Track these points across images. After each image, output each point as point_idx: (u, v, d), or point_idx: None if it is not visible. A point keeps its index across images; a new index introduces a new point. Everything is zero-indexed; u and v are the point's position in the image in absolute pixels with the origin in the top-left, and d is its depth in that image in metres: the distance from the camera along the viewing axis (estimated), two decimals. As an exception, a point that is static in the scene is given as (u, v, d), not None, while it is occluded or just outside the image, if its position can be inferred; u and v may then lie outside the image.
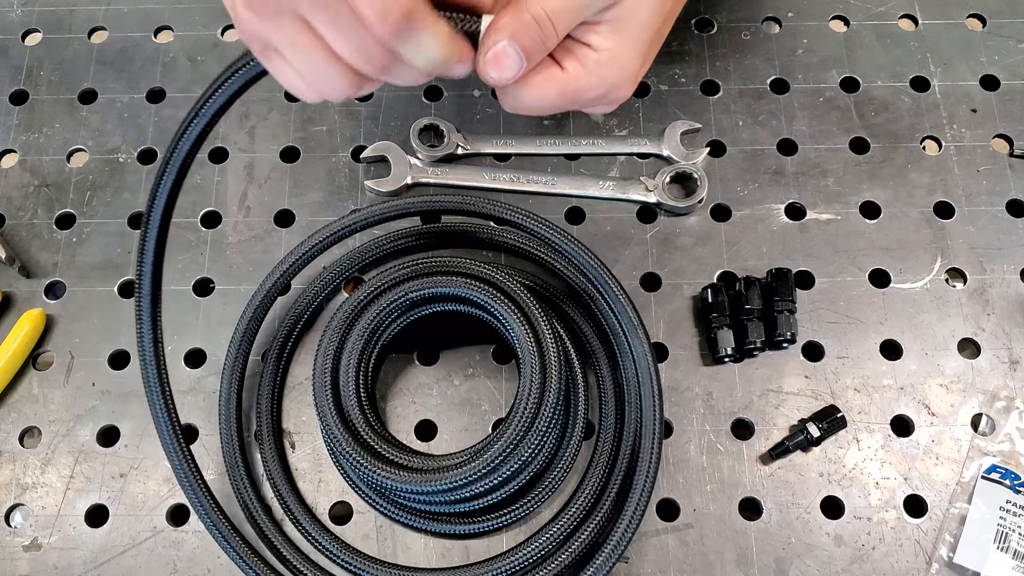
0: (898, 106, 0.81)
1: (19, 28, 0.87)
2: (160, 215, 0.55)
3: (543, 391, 0.63)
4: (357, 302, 0.67)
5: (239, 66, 0.49)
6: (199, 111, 0.53)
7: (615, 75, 0.47)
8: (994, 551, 0.64)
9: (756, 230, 0.76)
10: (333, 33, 0.43)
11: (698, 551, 0.66)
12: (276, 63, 0.46)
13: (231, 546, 0.63)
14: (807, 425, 0.68)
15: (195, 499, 0.63)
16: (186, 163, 0.54)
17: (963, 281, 0.74)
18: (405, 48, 0.43)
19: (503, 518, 0.65)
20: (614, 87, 0.48)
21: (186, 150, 0.54)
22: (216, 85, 0.51)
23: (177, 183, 0.55)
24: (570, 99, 0.48)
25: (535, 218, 0.70)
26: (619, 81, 0.48)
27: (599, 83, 0.47)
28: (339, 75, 0.45)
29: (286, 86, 0.47)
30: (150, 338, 0.59)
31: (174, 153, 0.54)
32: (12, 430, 0.70)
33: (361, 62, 0.44)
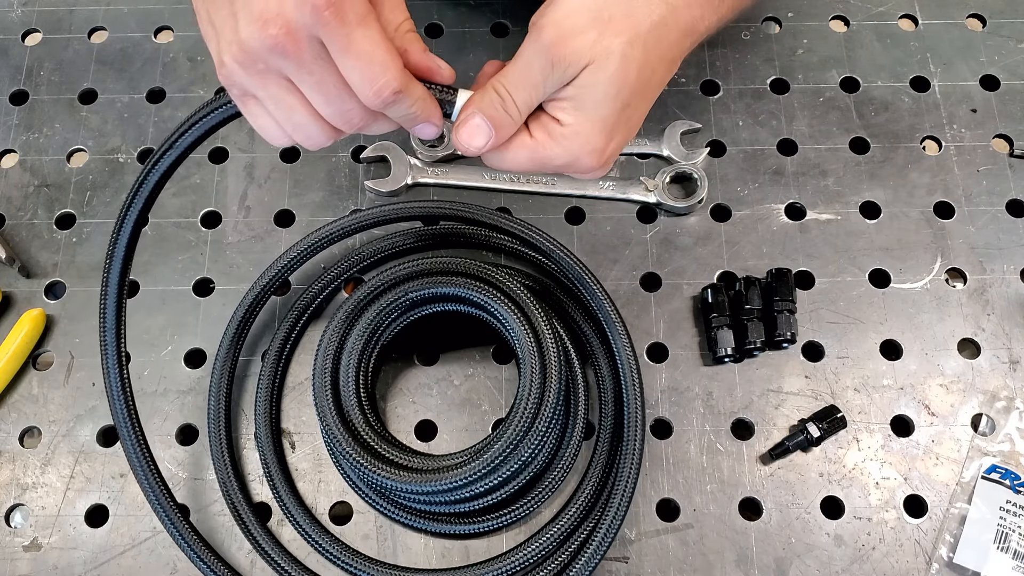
0: (898, 106, 0.81)
1: (19, 28, 0.87)
2: (128, 235, 0.57)
3: (543, 391, 0.63)
4: (357, 302, 0.67)
5: (218, 104, 0.52)
6: (173, 143, 0.55)
7: (577, 148, 0.51)
8: (994, 551, 0.64)
9: (756, 230, 0.76)
10: (318, 98, 0.46)
11: (698, 551, 0.66)
12: (253, 109, 0.49)
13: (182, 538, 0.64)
14: (807, 425, 0.68)
15: (149, 493, 0.63)
16: (153, 193, 0.57)
17: (963, 281, 0.74)
18: (390, 112, 0.48)
19: (503, 518, 0.65)
20: (577, 158, 0.51)
21: (154, 182, 0.56)
22: (192, 121, 0.53)
23: (145, 210, 0.57)
24: (539, 164, 0.52)
25: (510, 220, 0.71)
26: (581, 153, 0.51)
27: (564, 153, 0.51)
28: (318, 131, 0.48)
29: (259, 130, 0.50)
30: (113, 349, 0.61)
31: (143, 184, 0.56)
32: (12, 430, 0.70)
33: (341, 123, 0.48)
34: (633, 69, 0.49)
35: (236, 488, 0.66)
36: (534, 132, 0.52)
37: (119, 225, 0.57)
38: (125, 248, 0.58)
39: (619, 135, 0.52)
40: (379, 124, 0.49)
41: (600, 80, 0.49)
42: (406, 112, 0.48)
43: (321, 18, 0.42)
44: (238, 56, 0.45)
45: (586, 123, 0.50)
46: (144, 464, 0.63)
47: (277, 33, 0.43)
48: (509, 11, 0.86)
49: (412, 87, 0.47)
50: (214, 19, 0.46)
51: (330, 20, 0.43)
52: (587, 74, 0.49)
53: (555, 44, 0.48)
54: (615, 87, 0.49)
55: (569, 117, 0.50)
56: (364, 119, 0.48)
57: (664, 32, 0.50)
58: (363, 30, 0.44)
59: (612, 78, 0.49)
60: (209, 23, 0.47)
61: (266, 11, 0.43)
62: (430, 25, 0.86)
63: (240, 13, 0.44)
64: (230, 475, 0.67)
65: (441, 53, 0.85)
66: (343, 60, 0.45)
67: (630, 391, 0.66)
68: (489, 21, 0.86)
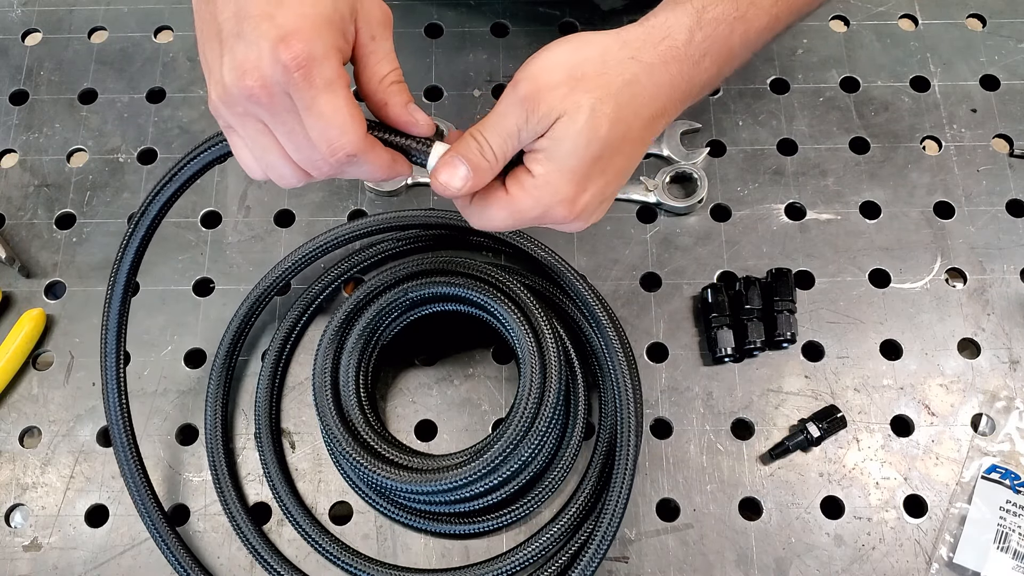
0: (898, 106, 0.81)
1: (19, 28, 0.87)
2: (129, 265, 0.61)
3: (543, 391, 0.63)
4: (357, 302, 0.67)
5: (216, 141, 0.55)
6: (173, 176, 0.58)
7: (548, 197, 0.52)
8: (994, 551, 0.64)
9: (756, 230, 0.76)
10: (289, 144, 0.49)
11: (698, 551, 0.66)
12: (235, 141, 0.52)
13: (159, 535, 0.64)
14: (807, 425, 0.68)
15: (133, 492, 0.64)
16: (155, 222, 0.60)
17: (963, 281, 0.74)
18: (349, 171, 0.50)
19: (503, 518, 0.65)
20: (548, 208, 0.52)
21: (155, 212, 0.59)
22: (192, 155, 0.57)
23: (145, 240, 0.60)
24: (516, 218, 0.53)
25: None
26: (551, 203, 0.52)
27: (536, 204, 0.52)
28: (289, 172, 0.51)
29: (238, 160, 0.52)
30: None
31: (144, 213, 0.59)
32: (12, 430, 0.70)
33: (310, 168, 0.50)
34: (604, 124, 0.50)
35: (231, 491, 0.66)
36: (509, 187, 0.53)
37: (118, 261, 0.61)
38: (123, 289, 0.61)
39: (593, 187, 0.52)
40: (350, 172, 0.51)
41: (570, 132, 0.50)
42: (363, 173, 0.51)
43: (290, 78, 0.45)
44: (222, 96, 0.48)
45: (556, 173, 0.51)
46: (135, 475, 0.64)
47: (253, 84, 0.46)
48: (509, 11, 0.86)
49: (369, 153, 0.50)
50: (207, 55, 0.49)
51: (298, 81, 0.46)
52: (559, 126, 0.50)
53: (529, 96, 0.50)
54: (584, 139, 0.50)
55: (541, 168, 0.51)
56: (332, 169, 0.50)
57: (638, 90, 0.52)
58: (327, 95, 0.47)
59: (582, 130, 0.50)
60: (203, 56, 0.50)
61: (246, 62, 0.46)
62: (430, 25, 0.86)
63: (226, 57, 0.47)
64: (225, 477, 0.67)
65: (441, 53, 0.85)
66: (306, 118, 0.47)
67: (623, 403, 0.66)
68: (489, 21, 0.86)
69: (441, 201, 0.78)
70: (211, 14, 0.48)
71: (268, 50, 0.45)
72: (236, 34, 0.46)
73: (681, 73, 0.53)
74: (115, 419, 0.64)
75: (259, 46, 0.45)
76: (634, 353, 0.71)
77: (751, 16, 0.55)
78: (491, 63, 0.84)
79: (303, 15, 0.46)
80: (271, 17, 0.45)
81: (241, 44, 0.46)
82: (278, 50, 0.45)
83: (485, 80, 0.83)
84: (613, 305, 0.73)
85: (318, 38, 0.46)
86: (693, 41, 0.53)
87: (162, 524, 0.64)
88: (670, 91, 0.53)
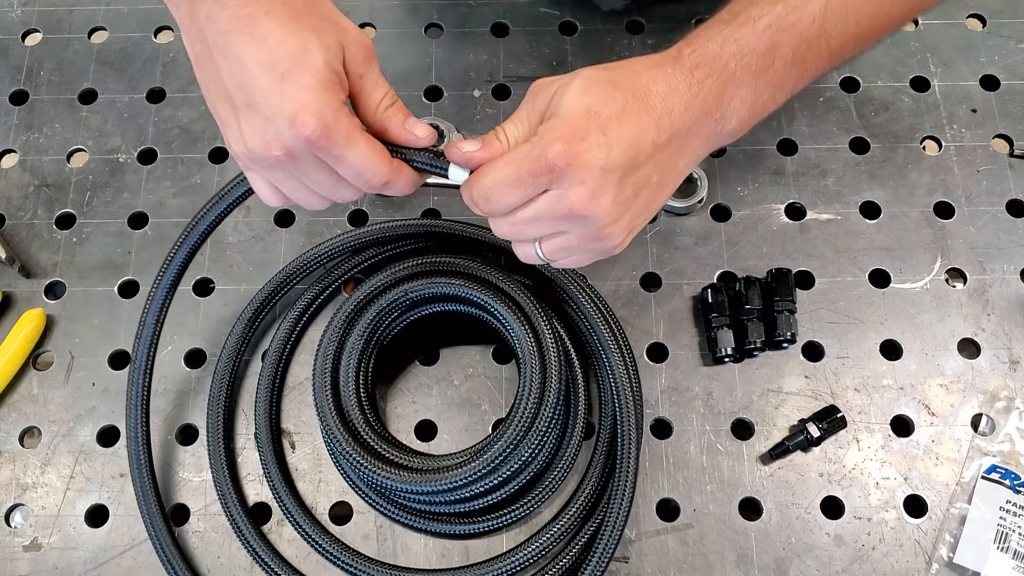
0: (898, 106, 0.81)
1: (19, 28, 0.87)
2: (171, 280, 0.65)
3: (543, 391, 0.63)
4: (357, 302, 0.67)
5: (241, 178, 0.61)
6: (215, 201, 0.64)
7: (544, 135, 0.51)
8: (994, 551, 0.64)
9: (756, 230, 0.76)
10: (314, 187, 0.54)
11: (698, 551, 0.66)
12: (255, 178, 0.56)
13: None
14: (807, 425, 0.68)
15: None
16: (199, 242, 0.66)
17: (963, 281, 0.74)
18: (382, 191, 0.55)
19: (503, 518, 0.65)
20: (546, 148, 0.50)
21: (202, 230, 0.65)
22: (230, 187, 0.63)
23: (190, 257, 0.65)
24: (516, 170, 0.51)
25: None
26: (549, 141, 0.51)
27: (531, 147, 0.51)
28: (317, 201, 0.56)
29: (258, 193, 0.57)
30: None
31: (191, 231, 0.65)
32: (12, 430, 0.70)
33: (335, 198, 0.56)
34: (597, 87, 0.52)
35: (231, 491, 0.66)
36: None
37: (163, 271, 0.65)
38: (157, 315, 0.66)
39: (592, 139, 0.51)
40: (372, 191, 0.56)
41: (565, 94, 0.52)
42: (393, 192, 0.56)
43: (315, 146, 0.50)
44: (247, 153, 0.52)
45: (552, 120, 0.52)
46: (144, 475, 0.65)
47: (279, 154, 0.50)
48: (509, 11, 0.86)
49: (399, 176, 0.54)
50: (219, 111, 0.52)
51: (324, 146, 0.50)
52: (556, 96, 0.53)
53: (533, 89, 0.55)
54: (576, 92, 0.52)
55: (543, 127, 0.53)
56: (355, 195, 0.56)
57: (640, 75, 0.54)
58: (350, 148, 0.51)
59: (575, 89, 0.52)
60: (215, 106, 0.53)
61: (266, 134, 0.50)
62: (430, 25, 0.86)
63: (244, 123, 0.51)
64: (225, 477, 0.67)
65: (441, 53, 0.85)
66: (339, 168, 0.52)
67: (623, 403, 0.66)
68: (489, 21, 0.86)
69: (441, 202, 0.78)
70: (213, 77, 0.51)
71: (286, 127, 0.49)
72: (248, 105, 0.50)
73: (674, 75, 0.55)
74: (134, 428, 0.66)
75: (275, 123, 0.49)
76: (634, 353, 0.71)
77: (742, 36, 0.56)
78: (491, 63, 0.84)
79: (307, 87, 0.49)
80: (280, 92, 0.49)
81: (257, 118, 0.50)
82: (296, 127, 0.49)
83: (485, 80, 0.83)
84: (613, 305, 0.73)
85: (327, 106, 0.49)
86: (682, 54, 0.55)
87: (163, 531, 0.64)
88: (664, 67, 0.55)
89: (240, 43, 0.49)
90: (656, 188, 0.56)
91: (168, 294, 0.65)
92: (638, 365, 0.71)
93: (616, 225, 0.54)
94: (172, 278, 0.65)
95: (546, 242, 0.56)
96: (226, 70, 0.50)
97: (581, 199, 0.51)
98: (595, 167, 0.51)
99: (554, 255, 0.57)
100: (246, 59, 0.49)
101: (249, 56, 0.49)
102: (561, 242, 0.55)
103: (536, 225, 0.54)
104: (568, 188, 0.51)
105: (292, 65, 0.49)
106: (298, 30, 0.49)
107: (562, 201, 0.52)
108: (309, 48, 0.49)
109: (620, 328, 0.71)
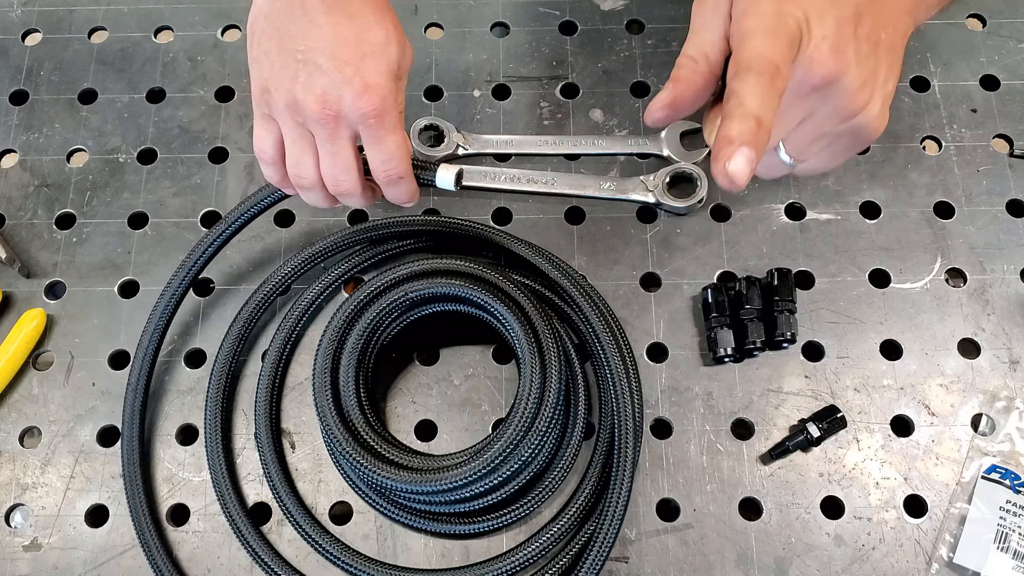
0: (898, 106, 0.81)
1: (19, 28, 0.87)
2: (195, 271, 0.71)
3: (543, 391, 0.63)
4: (357, 302, 0.67)
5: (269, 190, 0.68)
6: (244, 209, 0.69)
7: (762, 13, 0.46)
8: (994, 551, 0.64)
9: (756, 230, 0.76)
10: (326, 160, 0.59)
11: (698, 551, 0.66)
12: (266, 127, 0.60)
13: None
14: (807, 425, 0.68)
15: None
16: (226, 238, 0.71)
17: (963, 281, 0.74)
18: (389, 189, 0.61)
19: (503, 518, 0.65)
20: (777, 22, 0.46)
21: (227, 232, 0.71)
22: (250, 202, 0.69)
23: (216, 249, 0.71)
24: (771, 68, 0.46)
25: (499, 234, 0.72)
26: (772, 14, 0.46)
27: (769, 31, 0.46)
28: (311, 174, 0.60)
29: (257, 144, 0.61)
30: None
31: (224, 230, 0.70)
32: (12, 430, 0.70)
33: (331, 184, 0.60)
34: None
35: (231, 491, 0.66)
36: None
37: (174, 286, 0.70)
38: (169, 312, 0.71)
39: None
40: (352, 200, 0.62)
41: None
42: (399, 193, 0.62)
43: (367, 122, 0.56)
44: (288, 103, 0.57)
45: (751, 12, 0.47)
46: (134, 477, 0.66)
47: (329, 114, 0.56)
48: (509, 11, 0.86)
49: (411, 178, 0.61)
50: (275, 59, 0.57)
51: (374, 125, 0.57)
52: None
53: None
54: None
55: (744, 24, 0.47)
56: (351, 188, 0.60)
57: None
58: (393, 135, 0.58)
59: None
60: (267, 56, 0.58)
61: (327, 95, 0.56)
62: (430, 25, 0.86)
63: (303, 78, 0.56)
64: (225, 477, 0.67)
65: (441, 53, 0.85)
66: (372, 148, 0.58)
67: (623, 403, 0.66)
68: (489, 21, 0.86)
69: (440, 202, 0.78)
70: (287, 31, 0.56)
71: (351, 96, 0.55)
72: (319, 66, 0.55)
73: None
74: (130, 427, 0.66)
75: (341, 90, 0.55)
76: (634, 353, 0.71)
77: None
78: (491, 63, 0.84)
79: (382, 72, 0.56)
80: (356, 68, 0.55)
81: (324, 77, 0.55)
82: (362, 99, 0.55)
83: (485, 80, 0.83)
84: (613, 305, 0.73)
85: (390, 93, 0.57)
86: None
87: (153, 535, 0.65)
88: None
89: (335, 14, 0.56)
90: (888, 49, 0.50)
91: (183, 292, 0.70)
92: (638, 365, 0.71)
93: (868, 87, 0.48)
94: (189, 280, 0.70)
95: (790, 138, 0.50)
96: (311, 33, 0.56)
97: (825, 56, 0.46)
98: (829, 16, 0.46)
99: (803, 150, 0.51)
100: (334, 28, 0.55)
101: (337, 27, 0.55)
102: (809, 130, 0.50)
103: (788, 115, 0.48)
104: (809, 52, 0.47)
105: (374, 49, 0.56)
106: (384, 21, 0.57)
107: (808, 69, 0.47)
108: (391, 40, 0.57)
109: (620, 328, 0.71)
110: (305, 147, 0.59)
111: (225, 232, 0.70)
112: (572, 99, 0.82)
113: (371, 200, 0.63)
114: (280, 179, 0.62)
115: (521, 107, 0.82)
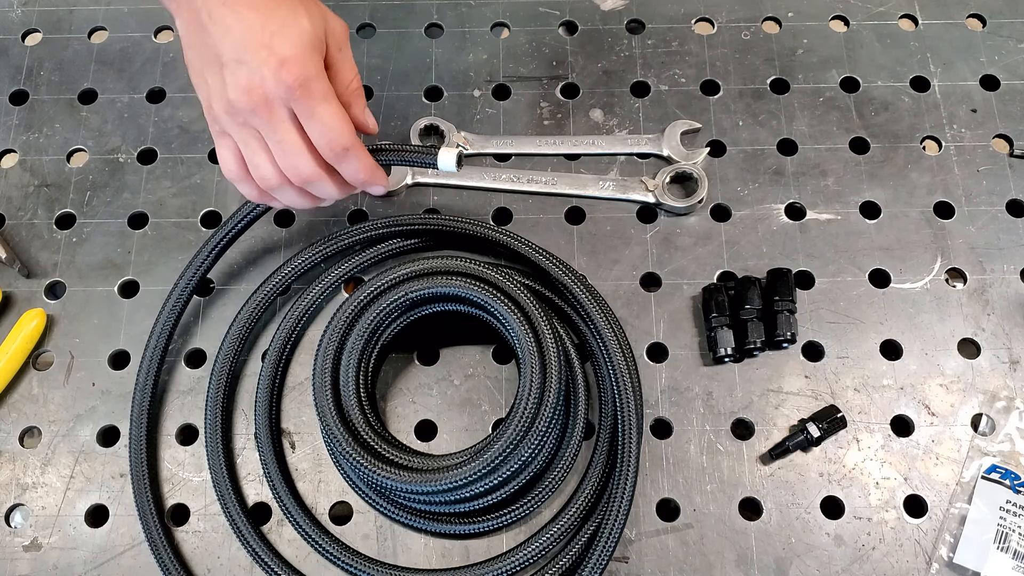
0: (898, 106, 0.81)
1: (19, 28, 0.87)
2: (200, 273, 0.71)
3: (543, 391, 0.63)
4: (357, 302, 0.67)
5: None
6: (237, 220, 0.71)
7: None
8: (994, 551, 0.64)
9: (756, 230, 0.76)
10: (277, 149, 0.59)
11: (698, 551, 0.66)
12: (225, 143, 0.61)
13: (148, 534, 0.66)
14: (807, 425, 0.68)
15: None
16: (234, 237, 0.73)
17: (963, 281, 0.74)
18: (341, 166, 0.60)
19: (503, 518, 0.65)
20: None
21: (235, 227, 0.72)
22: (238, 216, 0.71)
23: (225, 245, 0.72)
24: None
25: (500, 232, 0.72)
26: None
27: None
28: (272, 172, 0.60)
29: (221, 163, 0.62)
30: None
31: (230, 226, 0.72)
32: (12, 430, 0.70)
33: (291, 174, 0.60)
34: None
35: (231, 491, 0.66)
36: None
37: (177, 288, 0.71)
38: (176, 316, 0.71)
39: None
40: (323, 186, 0.61)
41: None
42: (354, 170, 0.61)
43: (293, 94, 0.56)
44: (226, 108, 0.58)
45: None
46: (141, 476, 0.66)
47: (257, 101, 0.56)
48: (509, 11, 0.86)
49: (359, 148, 0.61)
50: (207, 75, 0.58)
51: (300, 96, 0.56)
52: None
53: None
54: None
55: None
56: (311, 173, 0.60)
57: None
58: (325, 104, 0.58)
59: None
60: (201, 76, 0.59)
61: (250, 84, 0.56)
62: (430, 25, 0.86)
63: (229, 79, 0.56)
64: (225, 477, 0.67)
65: (441, 53, 0.85)
66: (308, 123, 0.58)
67: (623, 403, 0.66)
68: (489, 21, 0.86)
69: (441, 202, 0.78)
70: (206, 45, 0.57)
71: (270, 74, 0.55)
72: (237, 60, 0.56)
73: None
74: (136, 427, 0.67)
75: (261, 72, 0.55)
76: (634, 353, 0.71)
77: None
78: (491, 63, 0.84)
79: (295, 43, 0.56)
80: (269, 47, 0.55)
81: (244, 69, 0.56)
82: (280, 73, 0.55)
83: (485, 80, 0.83)
84: (613, 305, 0.73)
85: (310, 61, 0.57)
86: None
87: (159, 534, 0.65)
88: None
89: (236, 11, 0.56)
90: None
91: (188, 296, 0.71)
92: (638, 365, 0.71)
93: None
94: (196, 280, 0.71)
95: None
96: (219, 35, 0.56)
97: None
98: None
99: None
100: (241, 22, 0.56)
101: (243, 21, 0.56)
102: None
103: None
104: None
105: (282, 25, 0.56)
106: (288, 3, 0.57)
107: None
108: (298, 14, 0.57)
109: (620, 328, 0.71)
110: (256, 147, 0.59)
111: (232, 231, 0.71)
112: (572, 99, 0.82)
113: (346, 188, 0.63)
114: (258, 194, 0.63)
115: (521, 107, 0.82)
